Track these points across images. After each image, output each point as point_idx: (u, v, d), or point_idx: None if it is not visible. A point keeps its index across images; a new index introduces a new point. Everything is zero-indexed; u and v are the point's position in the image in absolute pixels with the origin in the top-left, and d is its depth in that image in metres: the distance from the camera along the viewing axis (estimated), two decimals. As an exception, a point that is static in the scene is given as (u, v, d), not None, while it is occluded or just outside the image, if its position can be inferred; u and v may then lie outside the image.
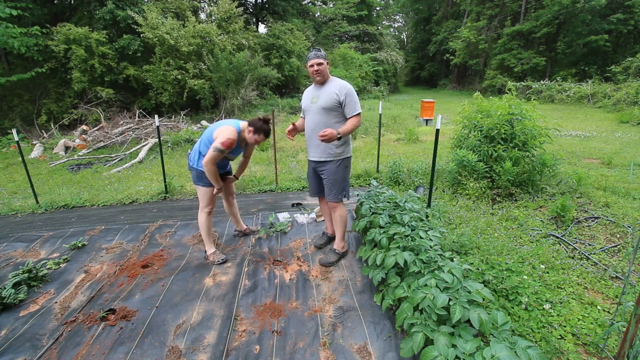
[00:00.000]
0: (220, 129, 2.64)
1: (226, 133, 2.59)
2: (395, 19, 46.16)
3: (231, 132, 2.62)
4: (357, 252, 2.67)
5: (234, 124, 2.71)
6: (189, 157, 2.87)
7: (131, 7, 11.34)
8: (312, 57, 2.52)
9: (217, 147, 2.56)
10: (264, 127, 2.71)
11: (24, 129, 10.69)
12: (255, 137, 2.71)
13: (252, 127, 2.67)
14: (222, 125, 2.67)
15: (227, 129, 2.62)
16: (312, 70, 2.55)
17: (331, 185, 2.70)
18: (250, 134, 2.70)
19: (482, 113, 4.39)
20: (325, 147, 2.62)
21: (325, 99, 2.54)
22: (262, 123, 2.69)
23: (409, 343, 1.68)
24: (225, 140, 2.57)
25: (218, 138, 2.59)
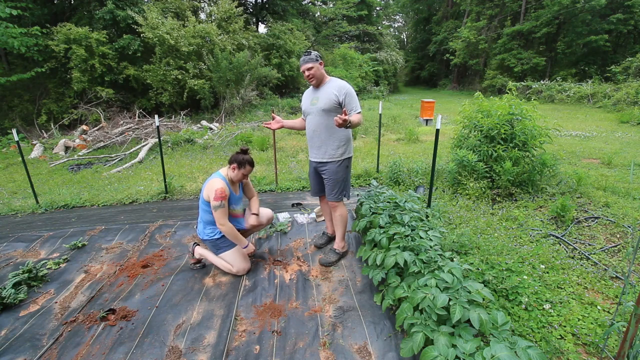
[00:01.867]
0: (206, 188, 2.56)
1: (213, 186, 2.50)
2: (395, 19, 46.17)
3: (216, 182, 2.53)
4: (357, 252, 2.67)
5: (215, 175, 2.63)
6: (197, 231, 2.80)
7: (131, 7, 11.34)
8: (302, 62, 2.52)
9: (215, 205, 2.48)
10: (245, 158, 2.62)
11: (24, 129, 10.69)
12: (242, 172, 2.63)
13: (235, 164, 2.60)
14: (206, 184, 2.58)
15: (211, 183, 2.53)
16: (305, 76, 2.55)
17: (332, 185, 2.70)
18: (235, 171, 2.61)
19: (482, 113, 4.39)
20: (327, 149, 2.63)
21: (324, 100, 2.52)
22: (242, 155, 2.62)
23: (409, 343, 1.68)
24: (216, 192, 2.47)
25: (210, 196, 2.50)
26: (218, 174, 2.63)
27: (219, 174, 2.61)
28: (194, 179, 5.66)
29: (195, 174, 5.96)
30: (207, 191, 2.52)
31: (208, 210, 2.57)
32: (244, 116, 12.33)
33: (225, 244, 2.67)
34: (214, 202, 2.46)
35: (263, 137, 8.24)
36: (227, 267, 2.72)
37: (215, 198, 2.46)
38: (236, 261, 2.69)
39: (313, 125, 2.64)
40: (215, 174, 2.63)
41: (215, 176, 2.59)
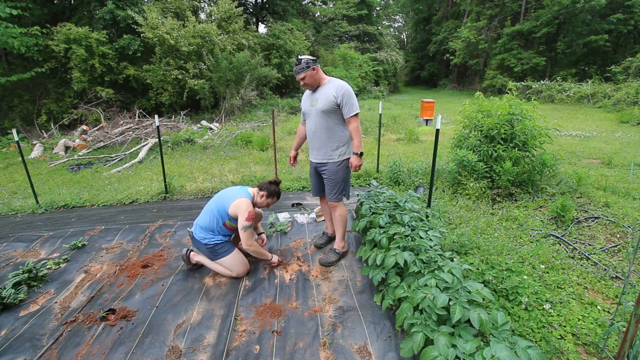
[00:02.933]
0: (236, 205, 2.55)
1: (244, 207, 2.52)
2: (395, 19, 46.16)
3: (248, 204, 2.55)
4: (357, 252, 2.67)
5: (244, 194, 2.64)
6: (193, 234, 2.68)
7: (131, 7, 11.34)
8: (294, 72, 2.55)
9: (246, 225, 2.50)
10: (276, 190, 2.75)
11: (24, 129, 10.69)
12: (268, 201, 2.74)
13: (266, 192, 2.70)
14: (235, 199, 2.57)
15: (242, 203, 2.54)
16: (301, 84, 2.60)
17: (332, 185, 2.72)
18: (262, 199, 2.71)
19: (483, 113, 4.39)
20: (327, 150, 2.65)
21: (323, 101, 2.53)
22: (275, 187, 2.73)
23: (409, 343, 1.68)
24: (249, 214, 2.51)
25: (239, 215, 2.52)
26: (246, 192, 2.65)
27: (248, 194, 2.65)
28: (194, 179, 5.66)
29: (195, 174, 5.96)
30: (236, 208, 2.53)
31: (221, 220, 2.58)
32: (244, 116, 12.33)
33: (224, 249, 2.64)
34: (245, 223, 2.49)
35: (263, 137, 8.24)
36: (227, 273, 2.70)
37: (247, 219, 2.50)
38: (235, 266, 2.67)
39: (313, 127, 2.66)
40: (244, 192, 2.64)
41: (244, 195, 2.61)
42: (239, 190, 2.65)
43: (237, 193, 2.62)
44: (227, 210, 2.56)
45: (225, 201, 2.59)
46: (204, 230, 2.63)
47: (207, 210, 2.67)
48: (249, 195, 2.64)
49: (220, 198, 2.65)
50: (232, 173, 5.85)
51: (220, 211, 2.59)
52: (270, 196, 2.72)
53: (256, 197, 2.70)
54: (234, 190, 2.66)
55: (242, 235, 2.51)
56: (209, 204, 2.69)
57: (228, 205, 2.57)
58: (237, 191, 2.65)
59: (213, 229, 2.61)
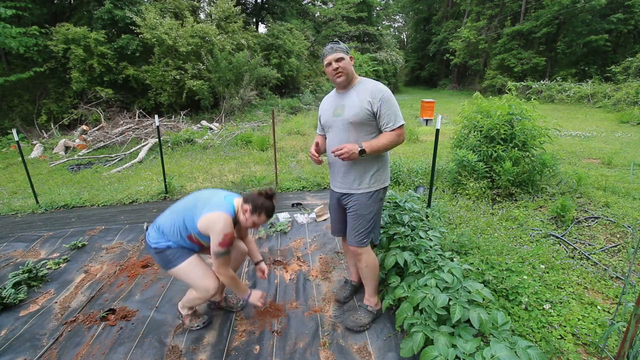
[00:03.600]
0: (208, 221, 1.85)
1: (221, 228, 1.81)
2: (395, 19, 46.19)
3: (227, 223, 1.84)
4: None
5: (225, 207, 1.90)
6: (147, 235, 2.04)
7: (129, 7, 11.34)
8: (328, 52, 1.87)
9: (218, 252, 1.84)
10: (266, 204, 1.92)
11: (24, 129, 10.69)
12: (253, 220, 1.93)
13: (250, 205, 1.91)
14: (209, 213, 1.86)
15: (218, 221, 1.83)
16: (331, 70, 1.89)
17: (358, 224, 2.01)
18: (247, 215, 1.93)
19: (482, 113, 4.39)
20: (355, 176, 1.96)
21: (353, 109, 1.88)
22: (264, 199, 1.92)
23: (409, 343, 1.68)
24: (225, 238, 1.82)
25: (211, 236, 1.84)
26: (229, 205, 1.93)
27: (230, 208, 1.92)
28: (194, 179, 5.66)
29: (195, 174, 5.96)
30: (208, 226, 1.85)
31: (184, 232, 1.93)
32: (244, 116, 12.33)
33: (177, 255, 1.95)
34: (219, 249, 1.83)
35: (263, 137, 8.24)
36: (192, 296, 2.04)
37: (221, 244, 1.82)
38: (197, 279, 1.95)
39: (337, 144, 1.92)
40: (225, 204, 1.92)
41: (224, 209, 1.89)
42: (219, 200, 1.94)
43: (215, 203, 1.91)
44: (195, 225, 1.89)
45: (197, 211, 1.91)
46: (160, 233, 1.99)
47: (173, 212, 2.00)
48: (231, 210, 1.91)
49: (193, 203, 1.97)
50: (232, 173, 5.85)
51: (187, 222, 1.92)
52: (255, 212, 1.91)
53: (239, 212, 1.96)
54: (214, 198, 1.95)
55: (215, 262, 1.88)
56: (177, 204, 2.03)
57: (199, 217, 1.88)
58: (217, 200, 1.93)
59: (169, 237, 1.96)
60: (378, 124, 1.90)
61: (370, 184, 1.97)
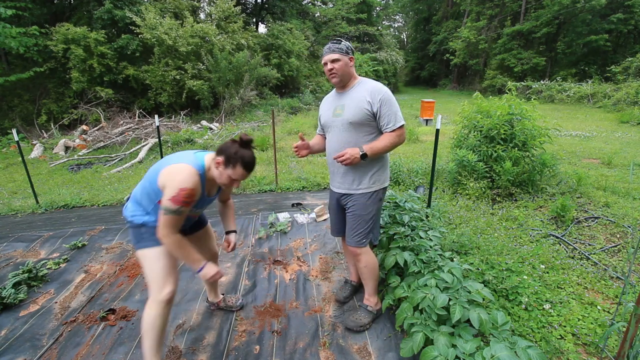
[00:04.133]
0: (168, 171, 1.57)
1: (178, 181, 1.52)
2: (395, 19, 46.23)
3: (186, 176, 1.53)
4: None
5: (192, 160, 1.61)
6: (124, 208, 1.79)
7: (129, 7, 11.34)
8: (325, 51, 1.88)
9: (168, 207, 1.51)
10: (241, 153, 1.58)
11: (24, 129, 10.69)
12: (228, 173, 1.60)
13: (222, 156, 1.58)
14: (170, 164, 1.59)
15: (179, 172, 1.54)
16: (326, 70, 1.89)
17: (357, 224, 2.00)
18: (220, 169, 1.60)
19: (482, 113, 4.39)
20: (354, 176, 1.95)
21: (352, 109, 1.87)
22: (238, 147, 1.59)
23: (409, 343, 1.68)
24: (178, 193, 1.50)
25: (166, 189, 1.53)
26: (197, 159, 1.63)
27: (199, 162, 1.62)
28: (194, 179, 5.65)
29: (195, 174, 5.96)
30: (167, 178, 1.55)
31: (153, 195, 1.63)
32: (244, 116, 12.33)
33: (152, 236, 1.66)
34: (170, 204, 1.51)
35: (263, 137, 8.24)
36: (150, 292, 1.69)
37: (174, 199, 1.50)
38: (157, 270, 1.66)
39: (336, 144, 1.94)
40: (194, 158, 1.63)
41: (189, 162, 1.58)
42: (187, 154, 1.65)
43: (181, 156, 1.64)
44: (157, 176, 1.60)
45: (160, 167, 1.62)
46: (136, 204, 1.72)
47: (145, 175, 1.72)
48: (199, 164, 1.61)
49: (162, 161, 1.66)
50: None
51: (152, 182, 1.62)
52: (229, 163, 1.58)
53: (212, 168, 1.64)
54: (181, 154, 1.66)
55: (161, 218, 1.54)
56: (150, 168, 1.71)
57: (163, 167, 1.60)
58: (184, 155, 1.65)
59: (145, 207, 1.69)
60: (378, 125, 1.90)
61: (370, 184, 1.96)
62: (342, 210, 2.14)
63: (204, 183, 1.66)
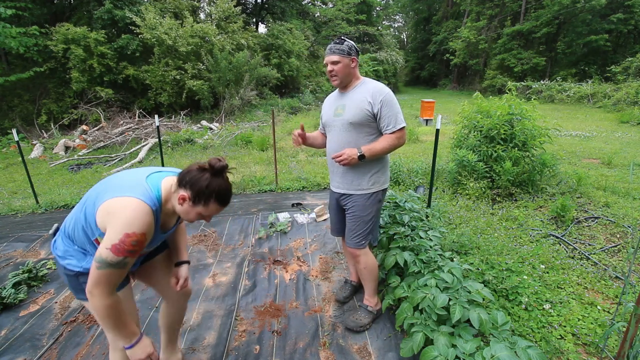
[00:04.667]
0: (109, 207, 1.14)
1: (122, 223, 1.11)
2: (395, 19, 46.26)
3: (135, 217, 1.12)
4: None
5: (143, 190, 1.18)
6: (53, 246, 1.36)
7: (129, 7, 11.34)
8: (327, 52, 1.87)
9: (106, 259, 1.11)
10: (214, 186, 1.22)
11: (24, 129, 10.69)
12: (197, 211, 1.25)
13: (189, 191, 1.21)
14: (113, 197, 1.15)
15: (123, 210, 1.12)
16: (327, 71, 1.91)
17: (356, 225, 2.00)
18: (185, 205, 1.23)
19: (482, 113, 4.39)
20: (354, 177, 1.94)
21: (353, 109, 1.87)
22: (209, 177, 1.22)
23: (409, 343, 1.68)
24: (122, 241, 1.10)
25: (106, 233, 1.12)
26: (150, 188, 1.21)
27: (152, 192, 1.20)
28: (194, 179, 5.65)
29: (195, 174, 5.95)
30: (107, 217, 1.14)
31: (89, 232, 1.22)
32: (244, 116, 12.33)
33: None
34: (108, 255, 1.11)
35: (263, 137, 8.24)
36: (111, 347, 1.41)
37: (115, 248, 1.11)
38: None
39: (336, 144, 1.94)
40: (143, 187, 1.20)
41: (138, 194, 1.16)
42: (136, 180, 1.23)
43: (127, 184, 1.20)
44: (94, 212, 1.18)
45: (99, 197, 1.19)
46: (68, 240, 1.32)
47: (79, 203, 1.30)
48: (153, 196, 1.20)
49: (101, 187, 1.24)
50: (232, 173, 5.85)
51: (88, 214, 1.21)
52: (199, 200, 1.22)
53: (171, 199, 1.26)
54: (130, 177, 1.25)
55: (92, 272, 1.13)
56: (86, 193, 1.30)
57: (101, 201, 1.17)
58: (132, 181, 1.22)
59: (80, 244, 1.28)
60: (378, 126, 1.89)
61: (369, 185, 1.95)
62: (342, 210, 2.13)
63: (158, 218, 1.24)
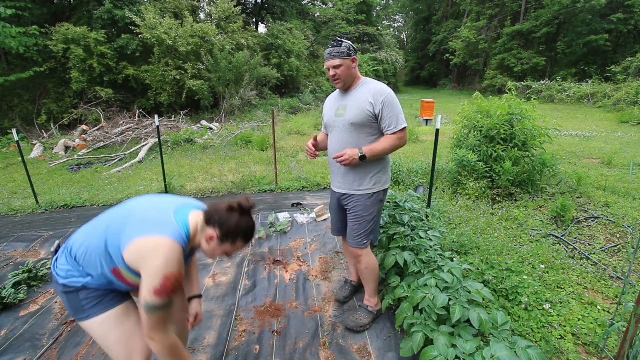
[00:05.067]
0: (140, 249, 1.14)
1: (160, 266, 1.11)
2: (395, 19, 46.26)
3: (170, 257, 1.13)
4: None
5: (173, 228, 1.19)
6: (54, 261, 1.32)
7: (129, 7, 11.34)
8: (327, 57, 1.87)
9: (154, 304, 1.12)
10: (243, 225, 1.28)
11: (24, 129, 10.69)
12: (225, 249, 1.30)
13: (218, 230, 1.26)
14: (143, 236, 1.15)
15: (157, 251, 1.13)
16: (330, 76, 1.91)
17: (358, 225, 1.99)
18: (212, 244, 1.28)
19: (482, 113, 4.39)
20: (355, 177, 1.94)
21: (354, 110, 1.87)
22: (238, 217, 1.27)
23: (408, 343, 1.68)
24: (163, 284, 1.12)
25: (144, 278, 1.13)
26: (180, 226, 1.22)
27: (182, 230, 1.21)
28: (194, 179, 5.66)
29: (195, 174, 5.96)
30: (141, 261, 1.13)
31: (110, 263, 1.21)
32: (244, 116, 12.34)
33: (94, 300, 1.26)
34: (153, 299, 1.11)
35: (263, 137, 8.24)
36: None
37: (159, 292, 1.11)
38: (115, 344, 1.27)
39: (338, 145, 1.95)
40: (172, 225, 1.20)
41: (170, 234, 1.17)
42: (164, 216, 1.23)
43: (155, 220, 1.21)
44: (121, 252, 1.17)
45: (125, 232, 1.18)
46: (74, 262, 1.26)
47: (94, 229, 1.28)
48: (183, 234, 1.21)
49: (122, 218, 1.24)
50: (232, 173, 5.85)
51: (110, 247, 1.20)
52: (228, 239, 1.27)
53: (200, 240, 1.29)
54: (155, 211, 1.25)
55: (144, 319, 1.15)
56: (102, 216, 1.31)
57: (129, 240, 1.16)
58: (160, 216, 1.22)
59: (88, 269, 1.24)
60: (380, 127, 1.90)
61: (371, 185, 1.96)
62: (342, 210, 2.14)
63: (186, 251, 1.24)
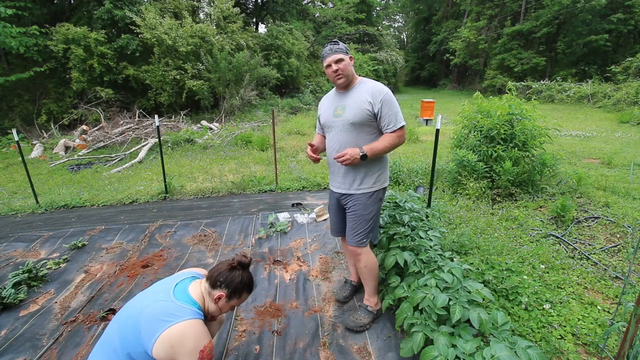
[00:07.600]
0: (169, 342, 1.23)
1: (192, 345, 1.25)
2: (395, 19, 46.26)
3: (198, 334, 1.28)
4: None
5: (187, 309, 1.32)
6: None
7: (129, 7, 11.33)
8: (327, 53, 1.85)
9: None
10: (244, 280, 1.47)
11: (24, 129, 10.69)
12: (232, 304, 1.48)
13: (225, 290, 1.42)
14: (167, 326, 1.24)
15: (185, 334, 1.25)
16: (331, 72, 1.88)
17: (357, 224, 2.00)
18: (221, 303, 1.43)
19: (482, 113, 4.39)
20: (355, 177, 1.96)
21: (353, 109, 1.87)
22: (240, 274, 1.45)
23: (408, 343, 1.68)
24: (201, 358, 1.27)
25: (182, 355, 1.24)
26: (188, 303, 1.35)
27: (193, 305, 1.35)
28: (194, 179, 5.66)
29: (195, 174, 5.96)
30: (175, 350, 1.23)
31: None
32: (244, 116, 12.34)
33: None
34: None
35: (263, 137, 8.24)
36: None
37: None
38: None
39: (337, 144, 1.95)
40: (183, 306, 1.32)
41: (188, 314, 1.30)
42: (172, 303, 1.31)
43: (167, 310, 1.29)
44: (150, 353, 1.23)
45: (143, 333, 1.25)
46: None
47: (106, 345, 1.32)
48: (196, 308, 1.34)
49: (133, 326, 1.28)
50: (232, 173, 5.85)
51: (137, 355, 1.25)
52: (234, 295, 1.45)
53: (208, 304, 1.42)
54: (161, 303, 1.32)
55: None
56: (107, 338, 1.33)
57: (152, 340, 1.23)
58: (169, 304, 1.31)
59: None
60: (379, 125, 1.91)
61: (371, 184, 1.97)
62: (342, 210, 2.14)
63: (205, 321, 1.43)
